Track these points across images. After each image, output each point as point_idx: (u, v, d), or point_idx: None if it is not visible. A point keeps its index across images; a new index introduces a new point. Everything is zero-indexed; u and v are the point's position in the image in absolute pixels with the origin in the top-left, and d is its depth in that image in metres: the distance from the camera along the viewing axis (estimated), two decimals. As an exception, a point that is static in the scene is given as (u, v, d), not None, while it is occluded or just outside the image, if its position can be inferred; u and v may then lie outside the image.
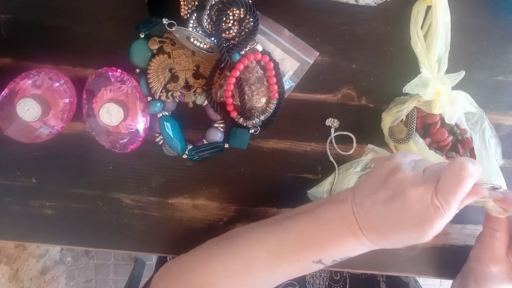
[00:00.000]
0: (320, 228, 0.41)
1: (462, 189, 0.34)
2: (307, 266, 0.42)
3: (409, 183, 0.36)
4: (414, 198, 0.35)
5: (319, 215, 0.41)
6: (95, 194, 0.53)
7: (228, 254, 0.44)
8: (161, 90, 0.49)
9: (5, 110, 0.47)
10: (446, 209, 0.35)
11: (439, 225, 0.35)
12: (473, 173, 0.35)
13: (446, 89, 0.47)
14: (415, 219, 0.35)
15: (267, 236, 0.43)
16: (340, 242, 0.40)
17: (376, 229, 0.38)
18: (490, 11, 0.50)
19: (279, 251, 0.42)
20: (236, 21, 0.47)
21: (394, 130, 0.51)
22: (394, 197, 0.36)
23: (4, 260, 1.09)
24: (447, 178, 0.35)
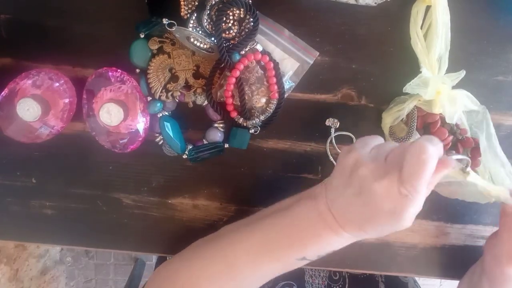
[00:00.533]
0: (299, 227, 0.41)
1: (426, 172, 0.34)
2: (292, 263, 0.42)
3: (373, 178, 0.35)
4: (380, 193, 0.35)
5: (296, 212, 0.41)
6: (95, 194, 0.53)
7: (212, 256, 0.44)
8: (161, 90, 0.49)
9: (5, 110, 0.47)
10: (414, 194, 0.34)
11: (413, 211, 0.35)
12: (433, 154, 0.34)
13: (447, 88, 0.47)
14: (387, 211, 0.35)
15: (249, 236, 0.43)
16: (321, 239, 0.40)
17: (354, 223, 0.38)
18: (490, 12, 0.50)
19: (261, 251, 0.42)
20: (236, 21, 0.47)
21: (395, 130, 0.51)
22: (362, 193, 0.36)
23: (4, 260, 1.09)
24: (408, 165, 0.34)
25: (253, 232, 0.43)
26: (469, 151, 0.51)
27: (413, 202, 0.35)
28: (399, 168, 0.35)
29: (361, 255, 0.56)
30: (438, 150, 0.35)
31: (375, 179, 0.35)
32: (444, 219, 0.55)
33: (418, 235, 0.55)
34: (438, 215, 0.55)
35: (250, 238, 0.43)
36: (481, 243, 0.55)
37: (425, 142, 0.34)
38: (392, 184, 0.35)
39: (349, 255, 0.55)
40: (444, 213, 0.55)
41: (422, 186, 0.34)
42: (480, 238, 0.55)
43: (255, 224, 0.44)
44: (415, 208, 0.35)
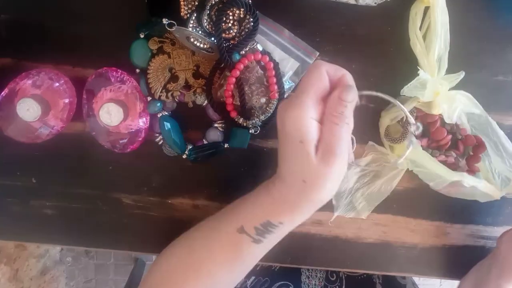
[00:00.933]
0: (246, 198, 0.42)
1: (308, 76, 0.36)
2: (235, 240, 0.41)
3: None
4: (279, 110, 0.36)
5: (254, 191, 0.42)
6: (95, 194, 0.53)
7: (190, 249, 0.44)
8: (161, 90, 0.49)
9: (5, 110, 0.47)
10: (295, 97, 0.36)
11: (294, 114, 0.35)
12: (319, 65, 0.37)
13: (445, 89, 0.47)
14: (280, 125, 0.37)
15: (212, 218, 0.44)
16: (255, 203, 0.40)
17: (277, 174, 0.39)
18: (490, 11, 0.50)
19: (213, 230, 0.42)
20: (236, 21, 0.47)
21: (390, 130, 0.51)
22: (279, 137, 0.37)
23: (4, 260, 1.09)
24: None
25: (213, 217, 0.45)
26: (471, 149, 0.51)
27: (292, 104, 0.35)
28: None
29: (361, 255, 0.56)
30: (333, 66, 0.37)
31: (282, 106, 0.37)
32: (444, 219, 0.55)
33: (418, 235, 0.55)
34: (438, 215, 0.55)
35: (208, 222, 0.44)
36: (481, 243, 0.55)
37: (320, 61, 0.37)
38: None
39: (349, 255, 0.55)
40: (444, 213, 0.55)
41: (301, 90, 0.36)
42: (480, 238, 0.55)
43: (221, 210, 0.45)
44: (294, 111, 0.35)
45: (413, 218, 0.55)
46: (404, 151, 0.42)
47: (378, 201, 0.53)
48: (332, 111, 0.36)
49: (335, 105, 0.36)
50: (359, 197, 0.53)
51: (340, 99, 0.36)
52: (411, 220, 0.55)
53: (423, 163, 0.49)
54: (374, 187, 0.53)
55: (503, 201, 0.50)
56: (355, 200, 0.53)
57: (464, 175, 0.47)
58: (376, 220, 0.55)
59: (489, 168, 0.51)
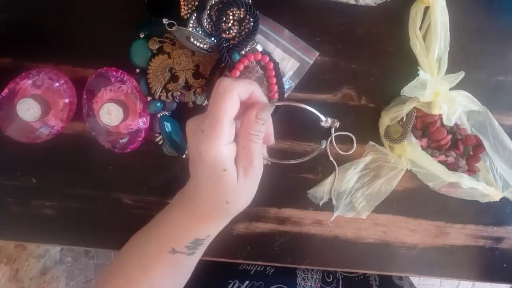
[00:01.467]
0: (166, 217, 0.42)
1: (221, 104, 0.35)
2: (170, 260, 0.41)
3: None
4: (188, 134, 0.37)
5: (170, 203, 0.43)
6: (95, 194, 0.53)
7: (112, 272, 0.45)
8: (161, 90, 0.49)
9: (5, 110, 0.47)
10: (215, 123, 0.35)
11: (216, 144, 0.35)
12: (229, 86, 0.35)
13: (445, 90, 0.47)
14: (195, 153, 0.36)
15: (140, 238, 0.45)
16: (179, 226, 0.41)
17: (195, 196, 0.39)
18: (490, 11, 0.50)
19: (144, 251, 0.43)
20: (236, 21, 0.47)
21: (390, 130, 0.51)
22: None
23: (4, 260, 1.09)
24: (210, 101, 0.36)
25: (140, 236, 0.45)
26: (471, 149, 0.51)
27: (210, 137, 0.35)
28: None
29: (361, 255, 0.56)
30: (243, 86, 0.36)
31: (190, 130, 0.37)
32: (444, 219, 0.55)
33: (418, 235, 0.55)
34: (438, 215, 0.55)
35: (137, 243, 0.45)
36: (481, 243, 0.55)
37: (223, 78, 0.36)
38: (197, 120, 0.37)
39: (349, 255, 0.55)
40: (444, 213, 0.55)
41: (217, 120, 0.35)
42: (480, 238, 0.55)
43: (145, 227, 0.45)
44: (214, 145, 0.35)
45: (413, 218, 0.55)
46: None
47: (378, 201, 0.53)
48: (249, 129, 0.36)
49: (252, 124, 0.36)
50: (359, 197, 0.53)
51: (257, 119, 0.36)
52: (411, 220, 0.55)
53: (422, 163, 0.49)
54: (374, 187, 0.53)
55: (503, 201, 0.50)
56: (355, 200, 0.53)
57: (462, 176, 0.47)
58: (376, 220, 0.55)
59: (489, 168, 0.51)
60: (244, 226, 0.55)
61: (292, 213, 0.54)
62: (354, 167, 0.52)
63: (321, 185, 0.53)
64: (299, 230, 0.55)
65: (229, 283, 0.63)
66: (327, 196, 0.53)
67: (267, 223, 0.55)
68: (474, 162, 0.51)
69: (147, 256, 0.43)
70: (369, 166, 0.53)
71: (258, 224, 0.55)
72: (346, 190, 0.53)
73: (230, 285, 0.63)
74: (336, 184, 0.53)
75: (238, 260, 0.55)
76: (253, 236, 0.55)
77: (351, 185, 0.53)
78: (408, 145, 0.49)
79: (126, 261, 0.45)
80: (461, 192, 0.50)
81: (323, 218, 0.54)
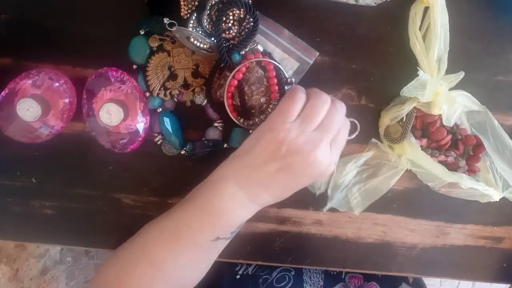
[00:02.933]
0: (208, 210, 0.43)
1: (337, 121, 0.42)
2: (210, 246, 0.43)
3: (311, 148, 0.39)
4: (321, 159, 0.40)
5: (205, 195, 0.43)
6: (95, 194, 0.53)
7: (134, 258, 0.45)
8: (159, 88, 0.49)
9: (5, 110, 0.47)
10: (338, 146, 0.43)
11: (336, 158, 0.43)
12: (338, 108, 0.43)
13: (445, 90, 0.47)
14: (321, 171, 0.41)
15: (163, 228, 0.45)
16: (229, 216, 0.43)
17: (272, 195, 0.42)
18: (490, 11, 0.50)
19: (175, 239, 0.43)
20: (236, 21, 0.47)
21: (390, 130, 0.51)
22: (291, 165, 0.40)
23: (4, 260, 1.09)
24: (341, 130, 0.42)
25: (166, 223, 0.46)
26: (471, 149, 0.51)
27: (337, 152, 0.43)
28: (330, 131, 0.41)
29: (361, 255, 0.56)
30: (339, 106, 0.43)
31: (313, 148, 0.39)
32: (444, 219, 0.55)
33: (418, 235, 0.55)
34: (438, 215, 0.55)
35: (164, 230, 0.45)
36: (481, 243, 0.56)
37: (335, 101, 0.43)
38: (327, 146, 0.40)
39: (349, 255, 0.55)
40: (444, 213, 0.55)
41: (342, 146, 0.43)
42: (480, 238, 0.55)
43: (170, 214, 0.46)
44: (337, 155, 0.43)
45: (413, 218, 0.55)
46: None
47: (373, 199, 0.53)
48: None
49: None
50: (355, 193, 0.53)
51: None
52: (411, 220, 0.55)
53: (422, 163, 0.49)
54: (371, 184, 0.52)
55: (503, 201, 0.50)
56: (350, 195, 0.53)
57: (462, 177, 0.47)
58: (376, 220, 0.55)
59: (489, 168, 0.51)
60: (244, 226, 0.55)
61: (292, 213, 0.54)
62: (355, 161, 0.52)
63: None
64: (299, 230, 0.55)
65: (237, 266, 0.65)
66: (324, 186, 0.53)
67: (267, 223, 0.55)
68: (474, 162, 0.51)
69: (181, 245, 0.44)
70: (369, 162, 0.52)
71: (258, 224, 0.55)
72: (343, 183, 0.53)
73: (238, 267, 0.65)
74: (335, 175, 0.52)
75: (238, 260, 0.55)
76: (253, 236, 0.55)
77: (349, 179, 0.53)
78: (407, 145, 0.49)
79: (151, 250, 0.45)
80: (461, 192, 0.50)
81: (323, 218, 0.54)
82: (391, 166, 0.52)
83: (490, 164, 0.51)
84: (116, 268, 0.47)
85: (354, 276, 0.64)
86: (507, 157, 0.48)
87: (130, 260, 0.46)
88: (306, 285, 0.62)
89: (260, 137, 0.41)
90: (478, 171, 0.51)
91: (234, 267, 0.65)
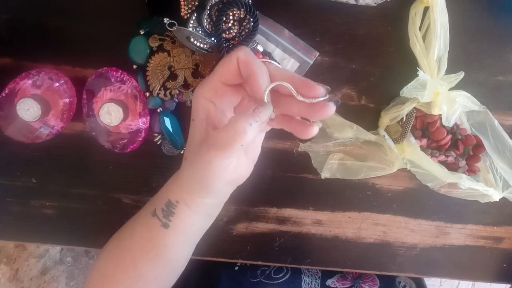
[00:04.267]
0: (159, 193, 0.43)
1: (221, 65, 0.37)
2: (150, 224, 0.41)
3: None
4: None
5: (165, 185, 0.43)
6: (95, 194, 0.53)
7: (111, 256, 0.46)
8: (160, 88, 0.49)
9: (5, 110, 0.47)
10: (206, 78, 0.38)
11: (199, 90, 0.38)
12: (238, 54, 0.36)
13: (445, 90, 0.47)
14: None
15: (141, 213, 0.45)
16: (162, 189, 0.42)
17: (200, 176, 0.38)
18: (490, 11, 0.50)
19: (137, 216, 0.44)
20: (236, 21, 0.47)
21: (390, 130, 0.51)
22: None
23: (4, 260, 1.09)
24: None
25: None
26: (470, 149, 0.51)
27: (201, 84, 0.38)
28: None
29: (361, 255, 0.56)
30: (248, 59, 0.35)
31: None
32: (444, 219, 0.55)
33: (418, 235, 0.55)
34: (438, 215, 0.55)
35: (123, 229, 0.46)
36: (481, 243, 0.56)
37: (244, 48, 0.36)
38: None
39: (349, 255, 0.55)
40: (444, 213, 0.55)
41: (213, 72, 0.37)
42: (480, 238, 0.55)
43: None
44: (199, 88, 0.38)
45: (413, 218, 0.55)
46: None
47: (345, 176, 0.51)
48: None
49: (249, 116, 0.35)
50: (335, 158, 0.51)
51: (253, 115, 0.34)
52: (411, 220, 0.55)
53: (421, 163, 0.48)
54: (353, 164, 0.51)
55: (503, 201, 0.50)
56: (330, 157, 0.51)
57: (461, 177, 0.47)
58: (376, 220, 0.55)
59: (489, 168, 0.51)
60: (244, 226, 0.55)
61: (292, 213, 0.54)
62: (357, 128, 0.50)
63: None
64: (299, 230, 0.55)
65: (235, 263, 0.65)
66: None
67: (267, 223, 0.55)
68: (474, 162, 0.51)
69: (136, 218, 0.44)
70: (368, 144, 0.51)
71: (258, 224, 0.55)
72: (331, 143, 0.51)
73: (236, 266, 0.65)
74: (332, 127, 0.50)
75: (238, 260, 0.55)
76: (253, 236, 0.55)
77: (341, 141, 0.51)
78: (407, 146, 0.49)
79: (122, 230, 0.46)
80: (461, 192, 0.50)
81: (323, 218, 0.54)
82: (383, 162, 0.51)
83: (490, 164, 0.51)
84: (98, 263, 0.47)
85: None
86: (507, 157, 0.48)
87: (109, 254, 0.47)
88: (304, 276, 0.62)
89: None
90: (478, 171, 0.51)
91: (233, 265, 0.65)
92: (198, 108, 0.38)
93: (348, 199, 0.54)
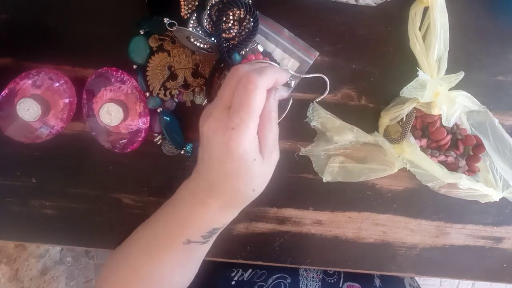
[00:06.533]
0: (175, 210, 0.43)
1: (254, 100, 0.35)
2: (183, 249, 0.43)
3: (214, 130, 0.38)
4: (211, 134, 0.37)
5: (175, 196, 0.44)
6: (95, 194, 0.53)
7: (118, 263, 0.47)
8: (159, 88, 0.49)
9: (5, 110, 0.47)
10: (242, 126, 0.36)
11: (244, 144, 0.36)
12: (260, 85, 0.36)
13: (445, 90, 0.47)
14: (224, 153, 0.37)
15: (145, 231, 0.46)
16: (195, 217, 0.41)
17: (213, 186, 0.40)
18: (490, 11, 0.50)
19: (153, 244, 0.44)
20: (236, 21, 0.47)
21: (390, 130, 0.51)
22: (207, 145, 0.38)
23: (4, 260, 1.09)
24: (237, 97, 0.36)
25: (148, 225, 0.46)
26: (470, 149, 0.51)
27: (242, 133, 0.36)
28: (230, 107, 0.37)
29: (361, 255, 0.56)
30: (267, 81, 0.37)
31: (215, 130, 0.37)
32: (444, 219, 0.55)
33: (418, 235, 0.55)
34: (438, 215, 0.55)
35: (144, 233, 0.46)
36: (481, 243, 0.56)
37: (252, 73, 0.36)
38: (220, 119, 0.37)
39: (349, 255, 0.55)
40: (444, 213, 0.55)
41: (250, 115, 0.36)
42: (480, 238, 0.55)
43: (153, 216, 0.47)
44: (246, 140, 0.36)
45: (413, 218, 0.55)
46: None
47: (346, 179, 0.51)
48: (271, 113, 0.40)
49: (272, 106, 0.40)
50: (336, 162, 0.51)
51: (275, 100, 0.40)
52: (411, 220, 0.55)
53: (421, 164, 0.48)
54: (354, 166, 0.51)
55: (503, 201, 0.50)
56: (330, 161, 0.51)
57: (461, 177, 0.47)
58: (376, 220, 0.55)
59: (489, 168, 0.51)
60: (244, 226, 0.55)
61: (292, 213, 0.54)
62: (357, 131, 0.50)
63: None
64: (299, 230, 0.55)
65: (233, 271, 0.64)
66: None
67: (267, 223, 0.55)
68: (474, 162, 0.51)
69: (157, 248, 0.44)
70: (368, 146, 0.51)
71: (258, 224, 0.55)
72: (331, 147, 0.51)
73: (234, 273, 0.64)
74: (333, 130, 0.50)
75: (238, 260, 0.55)
76: (253, 236, 0.55)
77: (341, 144, 0.51)
78: (407, 146, 0.49)
79: (133, 254, 0.46)
80: (461, 192, 0.50)
81: (323, 218, 0.54)
82: (383, 163, 0.51)
83: (490, 164, 0.51)
84: (105, 269, 0.48)
85: (352, 285, 0.63)
86: (507, 157, 0.48)
87: (115, 263, 0.47)
88: None
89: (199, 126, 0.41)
90: (478, 171, 0.51)
91: (229, 273, 0.64)
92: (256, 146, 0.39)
93: (348, 199, 0.54)
